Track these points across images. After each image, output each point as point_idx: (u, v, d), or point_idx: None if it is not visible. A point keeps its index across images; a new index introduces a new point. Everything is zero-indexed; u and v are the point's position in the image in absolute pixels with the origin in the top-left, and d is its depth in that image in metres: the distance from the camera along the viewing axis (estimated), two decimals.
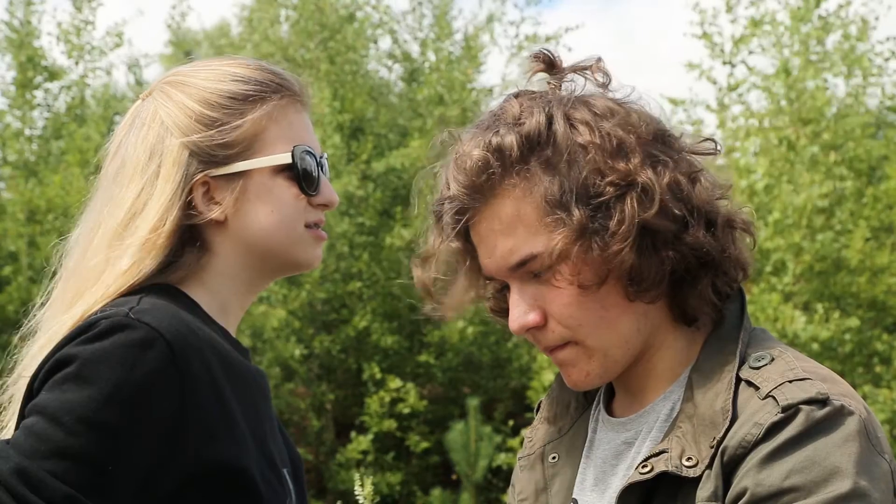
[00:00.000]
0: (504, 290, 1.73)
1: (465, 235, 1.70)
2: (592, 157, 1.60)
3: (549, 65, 1.72)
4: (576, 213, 1.59)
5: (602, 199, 1.59)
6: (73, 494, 1.58)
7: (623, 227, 1.58)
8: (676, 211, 1.61)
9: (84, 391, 1.61)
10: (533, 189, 1.61)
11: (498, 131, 1.63)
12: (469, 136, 1.67)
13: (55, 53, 23.46)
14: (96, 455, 1.60)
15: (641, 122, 1.65)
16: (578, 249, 1.59)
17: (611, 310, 1.63)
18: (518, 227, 1.63)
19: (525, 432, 1.89)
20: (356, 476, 2.52)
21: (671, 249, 1.61)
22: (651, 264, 1.60)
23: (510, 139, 1.61)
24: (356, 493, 2.50)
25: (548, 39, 17.50)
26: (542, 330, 1.66)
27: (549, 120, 1.62)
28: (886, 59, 14.40)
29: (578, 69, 1.70)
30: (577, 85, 1.69)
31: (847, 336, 12.63)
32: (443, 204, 1.68)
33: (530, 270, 1.64)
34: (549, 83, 1.70)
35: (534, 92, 1.68)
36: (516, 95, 1.68)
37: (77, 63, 17.42)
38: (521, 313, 1.65)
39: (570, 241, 1.59)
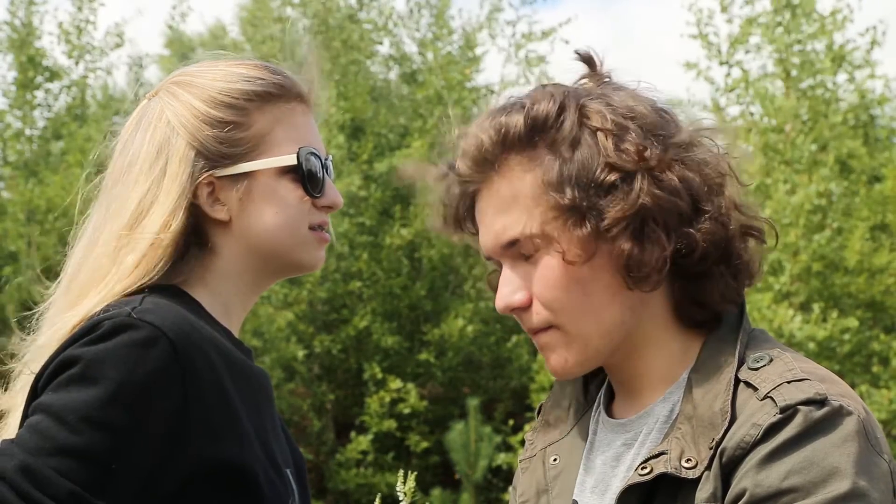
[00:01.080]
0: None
1: (470, 214, 1.72)
2: (601, 144, 1.61)
3: (589, 64, 1.73)
4: (569, 194, 1.60)
5: (602, 184, 1.60)
6: (77, 491, 1.59)
7: (619, 210, 1.59)
8: (684, 205, 1.61)
9: (89, 391, 1.62)
10: (534, 170, 1.63)
11: (509, 112, 1.65)
12: (483, 116, 1.69)
13: (56, 53, 23.43)
14: (100, 454, 1.61)
15: (663, 123, 1.65)
16: (567, 230, 1.61)
17: (595, 297, 1.63)
18: (513, 207, 1.64)
19: (527, 428, 1.89)
20: (399, 473, 2.51)
21: (675, 238, 1.61)
22: (651, 252, 1.60)
23: (516, 119, 1.63)
24: (397, 489, 2.49)
25: (544, 35, 17.48)
26: (526, 311, 1.66)
27: (562, 107, 1.63)
28: (868, 51, 14.40)
29: (620, 87, 1.70)
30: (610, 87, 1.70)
31: (846, 336, 12.63)
32: (452, 179, 1.71)
33: (521, 251, 1.65)
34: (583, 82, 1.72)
35: (561, 84, 1.70)
36: (544, 85, 1.70)
37: (77, 63, 17.42)
38: (507, 293, 1.67)
39: (559, 223, 1.61)
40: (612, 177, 1.60)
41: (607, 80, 1.71)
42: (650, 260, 1.60)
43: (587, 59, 1.73)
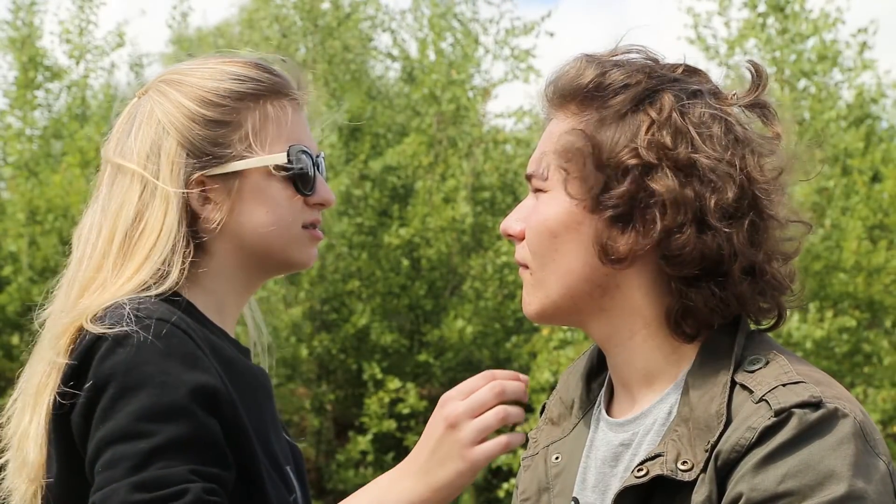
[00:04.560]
0: None
1: None
2: (641, 129, 1.63)
3: (757, 74, 1.73)
4: (586, 156, 1.64)
5: (620, 163, 1.63)
6: (194, 468, 1.61)
7: (620, 191, 1.62)
8: (686, 216, 1.61)
9: (139, 398, 1.63)
10: (576, 121, 1.68)
11: (598, 65, 1.69)
12: (586, 56, 1.73)
13: (57, 53, 23.46)
14: (188, 437, 1.63)
15: (725, 142, 1.64)
16: (570, 187, 1.66)
17: (565, 257, 1.68)
18: (548, 144, 1.70)
19: (531, 432, 1.90)
20: None
21: (662, 238, 1.62)
22: (629, 238, 1.63)
23: (591, 74, 1.68)
24: None
25: (527, 30, 17.45)
26: (519, 243, 1.74)
27: (630, 84, 1.66)
28: (860, 53, 14.41)
29: (717, 95, 1.71)
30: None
31: (844, 336, 12.63)
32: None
33: (535, 186, 1.72)
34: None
35: (664, 67, 1.71)
36: (652, 61, 1.71)
37: (78, 63, 17.43)
38: (511, 219, 1.75)
39: (566, 177, 1.66)
40: (633, 161, 1.62)
41: (710, 85, 1.72)
42: (626, 243, 1.63)
43: (758, 73, 1.73)
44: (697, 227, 1.61)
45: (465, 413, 1.63)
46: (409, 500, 1.64)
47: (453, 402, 1.64)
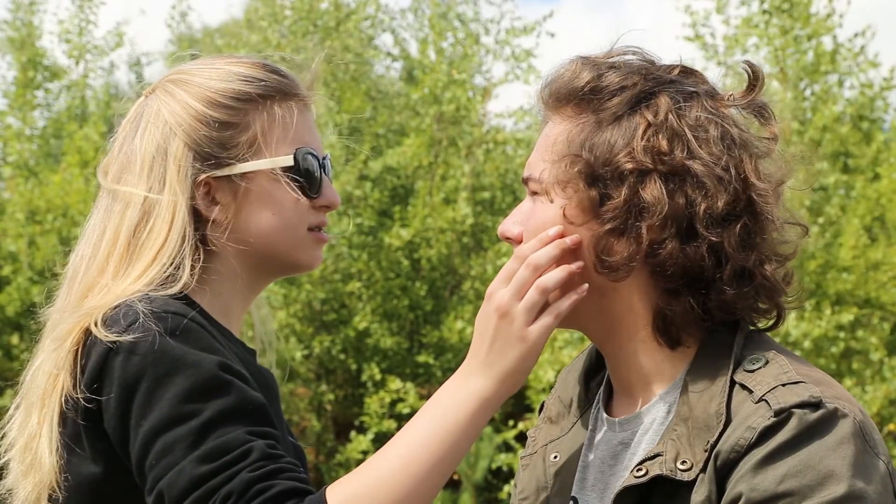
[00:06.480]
0: None
1: None
2: (637, 132, 1.63)
3: (753, 74, 1.73)
4: (584, 160, 1.64)
5: (617, 168, 1.63)
6: (249, 429, 1.62)
7: (619, 199, 1.62)
8: (676, 227, 1.61)
9: (175, 382, 1.64)
10: (572, 124, 1.68)
11: (594, 67, 1.69)
12: (581, 56, 1.73)
13: (57, 53, 23.46)
14: (233, 406, 1.64)
15: (722, 147, 1.64)
16: (569, 191, 1.66)
17: (563, 260, 1.67)
18: (545, 147, 1.70)
19: (519, 428, 1.91)
20: None
21: (650, 247, 1.62)
22: (625, 247, 1.63)
23: (587, 76, 1.68)
24: None
25: (528, 30, 17.43)
26: (518, 246, 1.73)
27: (626, 86, 1.66)
28: (856, 56, 14.42)
29: (713, 97, 1.70)
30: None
31: (841, 334, 12.63)
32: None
33: (532, 189, 1.72)
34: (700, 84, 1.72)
35: (660, 69, 1.71)
36: (649, 63, 1.71)
37: (78, 63, 17.43)
38: (508, 223, 1.76)
39: (566, 180, 1.66)
40: (629, 165, 1.62)
41: (706, 86, 1.71)
42: (621, 254, 1.63)
43: (755, 73, 1.73)
44: (682, 238, 1.61)
45: (512, 298, 1.65)
46: (481, 397, 1.66)
47: (498, 291, 1.66)
